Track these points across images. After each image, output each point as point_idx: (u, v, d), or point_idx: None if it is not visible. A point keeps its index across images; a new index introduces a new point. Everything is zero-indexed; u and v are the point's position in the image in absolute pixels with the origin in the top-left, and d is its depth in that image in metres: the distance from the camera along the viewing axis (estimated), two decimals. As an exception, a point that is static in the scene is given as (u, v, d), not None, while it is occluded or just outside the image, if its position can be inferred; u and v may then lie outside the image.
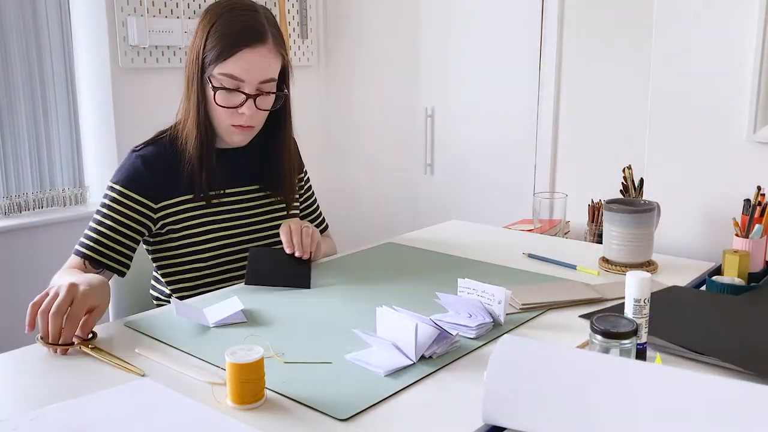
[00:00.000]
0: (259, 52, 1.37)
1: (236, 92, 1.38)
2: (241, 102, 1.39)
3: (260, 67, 1.38)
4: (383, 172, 3.27)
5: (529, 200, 2.63)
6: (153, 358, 1.06)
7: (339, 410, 0.91)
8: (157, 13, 2.73)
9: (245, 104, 1.39)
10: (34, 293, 1.13)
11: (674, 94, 1.67)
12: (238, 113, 1.40)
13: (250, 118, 1.40)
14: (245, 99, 1.38)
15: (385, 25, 3.15)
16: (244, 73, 1.36)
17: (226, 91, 1.38)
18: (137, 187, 1.41)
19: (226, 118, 1.41)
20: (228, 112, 1.40)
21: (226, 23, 1.37)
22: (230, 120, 1.41)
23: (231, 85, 1.37)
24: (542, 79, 2.68)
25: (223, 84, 1.37)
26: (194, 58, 1.39)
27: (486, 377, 0.86)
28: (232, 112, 1.40)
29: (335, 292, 1.37)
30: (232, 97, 1.38)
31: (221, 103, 1.39)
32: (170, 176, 1.44)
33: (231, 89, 1.38)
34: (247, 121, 1.41)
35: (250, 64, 1.36)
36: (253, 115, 1.40)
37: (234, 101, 1.39)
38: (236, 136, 1.44)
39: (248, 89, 1.38)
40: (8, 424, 0.86)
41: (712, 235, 1.64)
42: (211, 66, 1.37)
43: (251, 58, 1.36)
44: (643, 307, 1.00)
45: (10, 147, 2.60)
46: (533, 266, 1.54)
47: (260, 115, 1.43)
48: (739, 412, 0.76)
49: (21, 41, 2.58)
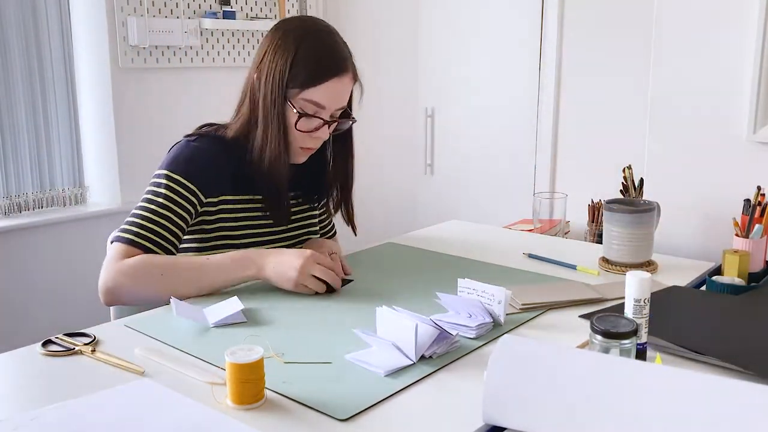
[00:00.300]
0: (343, 81, 1.39)
1: (315, 118, 1.39)
2: (318, 126, 1.40)
3: (342, 95, 1.41)
4: (383, 172, 3.26)
5: (529, 200, 2.63)
6: (153, 358, 1.06)
7: (339, 410, 0.91)
8: (157, 13, 2.73)
9: (322, 129, 1.40)
10: (34, 293, 1.13)
11: (674, 94, 1.67)
12: (311, 137, 1.41)
13: (321, 141, 1.43)
14: (322, 124, 1.40)
15: (385, 26, 3.15)
16: (329, 101, 1.38)
17: (307, 116, 1.39)
18: (193, 176, 1.40)
19: (300, 141, 1.42)
20: (303, 136, 1.41)
21: (313, 48, 1.37)
22: (303, 143, 1.42)
23: (311, 111, 1.38)
24: (542, 79, 2.68)
25: (305, 109, 1.38)
26: (276, 79, 1.37)
27: (486, 377, 0.86)
28: (306, 136, 1.41)
29: (335, 292, 1.37)
30: (311, 122, 1.40)
31: (303, 128, 1.40)
32: (218, 173, 1.43)
33: (311, 115, 1.39)
34: (318, 144, 1.44)
35: (335, 93, 1.38)
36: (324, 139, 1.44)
37: (312, 126, 1.40)
38: (302, 157, 1.46)
39: (326, 116, 1.40)
40: (8, 424, 0.86)
41: (712, 235, 1.64)
42: (295, 90, 1.37)
43: (337, 88, 1.38)
44: (643, 307, 1.00)
45: (10, 147, 2.60)
46: (533, 266, 1.54)
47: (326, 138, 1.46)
48: (739, 412, 0.76)
49: (21, 41, 2.58)
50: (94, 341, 1.13)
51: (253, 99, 1.42)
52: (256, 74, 1.41)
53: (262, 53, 1.41)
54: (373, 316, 1.10)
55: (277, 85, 1.37)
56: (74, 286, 2.66)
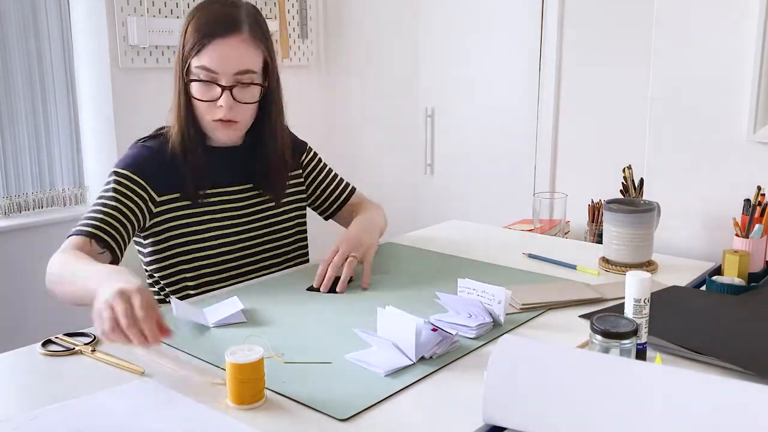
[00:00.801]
0: (230, 42, 1.36)
1: (212, 84, 1.38)
2: (218, 95, 1.38)
3: (233, 57, 1.36)
4: (383, 172, 3.26)
5: (529, 200, 2.63)
6: (153, 358, 1.06)
7: (339, 410, 0.91)
8: (157, 13, 2.73)
9: (222, 96, 1.38)
10: (34, 293, 1.13)
11: (674, 94, 1.67)
12: (216, 106, 1.39)
13: (229, 111, 1.39)
14: (221, 91, 1.38)
15: (385, 25, 3.15)
16: (217, 64, 1.36)
17: (203, 83, 1.38)
18: (143, 174, 1.41)
19: (206, 113, 1.40)
20: (207, 106, 1.39)
21: (202, 16, 1.39)
22: (210, 114, 1.40)
23: (207, 78, 1.37)
24: (542, 79, 2.68)
25: (200, 77, 1.37)
26: (178, 56, 1.41)
27: (486, 377, 0.86)
28: (211, 106, 1.39)
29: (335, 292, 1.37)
30: (209, 89, 1.38)
31: (198, 95, 1.39)
32: (167, 172, 1.43)
33: (207, 81, 1.37)
34: (227, 114, 1.39)
35: (222, 54, 1.36)
36: (233, 108, 1.39)
37: (211, 94, 1.38)
38: (220, 132, 1.43)
39: (224, 81, 1.37)
40: (8, 424, 0.86)
41: (712, 235, 1.64)
42: (189, 60, 1.38)
43: (223, 49, 1.36)
44: (643, 307, 1.00)
45: (10, 147, 2.60)
46: (533, 266, 1.54)
47: (242, 109, 1.41)
48: (739, 412, 0.76)
49: (21, 41, 2.58)
50: (94, 341, 1.13)
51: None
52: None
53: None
54: (373, 316, 1.10)
55: (178, 63, 1.40)
56: (74, 286, 2.66)
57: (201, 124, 1.43)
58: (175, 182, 1.44)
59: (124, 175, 1.40)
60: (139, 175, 1.40)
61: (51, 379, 1.02)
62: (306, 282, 1.43)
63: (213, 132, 1.43)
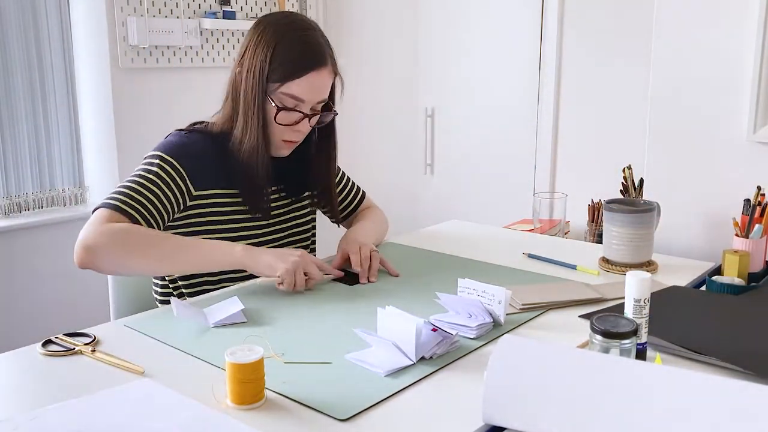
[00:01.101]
0: (322, 75, 1.41)
1: (295, 111, 1.41)
2: (298, 120, 1.42)
3: (322, 88, 1.43)
4: (383, 172, 3.26)
5: (529, 200, 2.63)
6: (153, 358, 1.06)
7: (339, 410, 0.91)
8: (157, 13, 2.73)
9: (302, 122, 1.43)
10: (34, 293, 1.14)
11: (674, 94, 1.67)
12: (292, 130, 1.43)
13: (303, 134, 1.45)
14: (302, 117, 1.42)
15: (385, 25, 3.15)
16: (308, 95, 1.40)
17: (286, 110, 1.41)
18: (186, 166, 1.41)
19: (281, 134, 1.44)
20: (284, 129, 1.43)
21: (292, 43, 1.39)
22: (284, 136, 1.44)
23: (291, 105, 1.41)
24: (542, 79, 2.68)
25: (284, 103, 1.40)
26: (256, 74, 1.39)
27: (486, 377, 0.86)
28: (287, 129, 1.43)
29: (335, 292, 1.37)
30: (290, 115, 1.42)
31: (283, 122, 1.41)
32: (207, 167, 1.44)
33: (290, 108, 1.41)
34: (300, 137, 1.45)
35: (313, 86, 1.40)
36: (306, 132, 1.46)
37: (292, 119, 1.42)
38: (284, 150, 1.47)
39: (306, 109, 1.42)
40: (8, 424, 0.86)
41: (712, 235, 1.64)
42: (275, 84, 1.39)
43: (315, 81, 1.40)
44: (643, 307, 1.00)
45: (10, 147, 2.60)
46: (533, 266, 1.54)
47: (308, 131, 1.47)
48: (739, 412, 0.76)
49: (21, 41, 2.58)
50: (94, 341, 1.13)
51: (235, 94, 1.44)
52: (239, 69, 1.43)
53: (244, 49, 1.43)
54: (373, 316, 1.10)
55: (257, 80, 1.39)
56: (74, 286, 2.66)
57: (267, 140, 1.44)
58: (217, 179, 1.45)
59: (170, 162, 1.39)
60: (181, 164, 1.40)
61: (51, 379, 1.02)
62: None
63: (278, 150, 1.47)
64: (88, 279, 2.68)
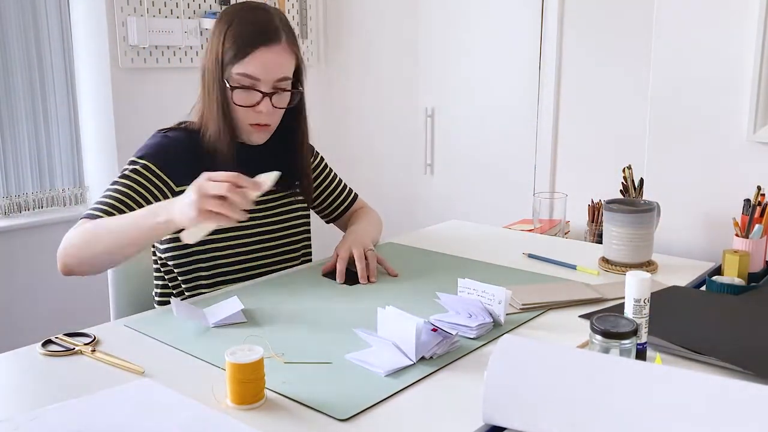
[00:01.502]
0: (273, 50, 1.41)
1: (253, 91, 1.42)
2: (258, 100, 1.42)
3: (275, 65, 1.42)
4: (383, 172, 3.26)
5: (529, 200, 2.63)
6: (153, 358, 1.06)
7: (339, 410, 0.91)
8: (157, 13, 2.73)
9: (262, 102, 1.43)
10: (34, 293, 1.14)
11: (674, 94, 1.67)
12: (255, 112, 1.43)
13: (267, 116, 1.44)
14: (262, 97, 1.42)
15: (385, 25, 3.15)
16: (260, 72, 1.41)
17: (244, 90, 1.42)
18: (162, 164, 1.43)
19: (245, 118, 1.44)
20: (247, 111, 1.44)
21: (241, 24, 1.42)
22: (249, 119, 1.45)
23: (248, 84, 1.41)
24: (542, 79, 2.68)
25: (241, 83, 1.41)
26: (213, 60, 1.43)
27: (486, 377, 0.86)
28: (250, 111, 1.44)
29: (335, 292, 1.37)
30: (250, 96, 1.42)
31: (239, 102, 1.42)
32: (191, 163, 1.43)
33: (248, 88, 1.42)
34: (265, 119, 1.45)
35: (264, 63, 1.41)
36: (271, 113, 1.45)
37: (252, 100, 1.43)
38: (255, 135, 1.47)
39: (264, 88, 1.42)
40: (8, 424, 0.86)
41: (712, 235, 1.64)
42: (229, 67, 1.41)
43: (266, 58, 1.41)
44: (643, 307, 1.00)
45: (10, 147, 2.60)
46: (533, 266, 1.54)
47: (276, 114, 1.47)
48: (739, 412, 0.76)
49: (21, 41, 2.58)
50: (94, 341, 1.13)
51: (203, 84, 1.46)
52: (203, 61, 1.46)
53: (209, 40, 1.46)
54: (373, 316, 1.10)
55: (213, 65, 1.42)
56: (74, 286, 2.66)
57: (236, 128, 1.46)
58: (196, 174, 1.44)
59: (142, 164, 1.42)
60: (157, 165, 1.42)
61: (51, 379, 1.02)
62: (305, 282, 1.43)
63: (248, 135, 1.47)
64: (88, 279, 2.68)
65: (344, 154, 3.38)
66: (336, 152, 3.40)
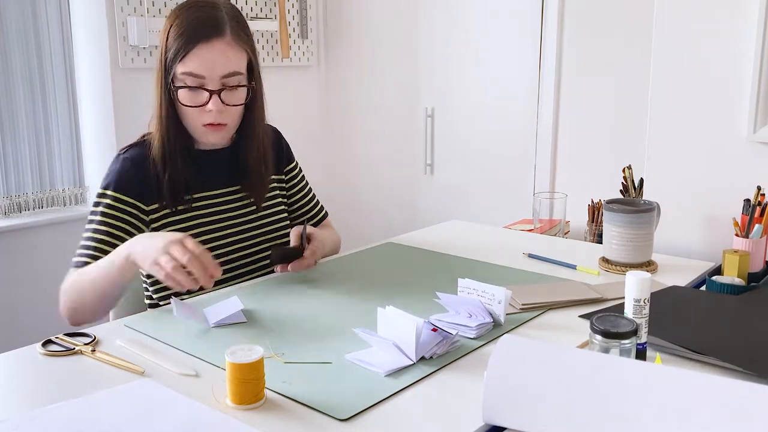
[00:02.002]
0: (215, 46, 1.35)
1: (200, 90, 1.36)
2: (206, 99, 1.37)
3: (219, 61, 1.35)
4: (383, 172, 3.27)
5: (529, 200, 2.63)
6: (153, 358, 1.06)
7: (339, 410, 0.91)
8: (157, 13, 2.73)
9: (210, 101, 1.37)
10: (34, 293, 1.14)
11: (674, 94, 1.67)
12: (206, 111, 1.38)
13: (219, 114, 1.38)
14: (210, 96, 1.37)
15: (385, 25, 3.15)
16: (203, 69, 1.35)
17: (189, 89, 1.36)
18: (128, 191, 1.40)
19: (195, 118, 1.39)
20: (196, 112, 1.38)
21: (183, 21, 1.37)
22: (200, 119, 1.39)
23: (194, 83, 1.36)
24: (542, 79, 2.68)
25: (186, 83, 1.36)
26: (160, 62, 1.39)
27: (486, 377, 0.86)
28: (201, 111, 1.38)
29: (335, 292, 1.37)
30: (197, 95, 1.37)
31: (185, 102, 1.37)
32: (151, 182, 1.42)
33: (194, 87, 1.36)
34: (217, 118, 1.38)
35: (207, 59, 1.35)
36: (222, 111, 1.38)
37: (199, 99, 1.37)
38: (210, 136, 1.42)
39: (211, 85, 1.36)
40: (8, 424, 0.86)
41: (712, 235, 1.64)
42: (173, 66, 1.36)
43: (208, 53, 1.34)
44: (643, 307, 1.00)
45: (10, 147, 2.60)
46: (533, 266, 1.54)
47: (230, 111, 1.40)
48: (739, 412, 0.76)
49: (21, 41, 2.58)
50: (94, 341, 1.13)
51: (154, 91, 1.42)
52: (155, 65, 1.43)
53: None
54: (373, 316, 1.10)
55: (160, 68, 1.39)
56: (74, 286, 2.66)
57: (189, 129, 1.42)
58: (158, 191, 1.42)
59: (111, 197, 1.40)
60: (124, 193, 1.40)
61: (51, 379, 1.02)
62: (305, 282, 1.43)
63: (202, 136, 1.42)
64: (88, 279, 2.69)
65: (344, 154, 3.38)
66: (336, 152, 3.41)
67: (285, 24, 3.17)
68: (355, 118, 3.33)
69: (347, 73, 3.33)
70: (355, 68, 3.30)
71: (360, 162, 3.34)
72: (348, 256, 1.64)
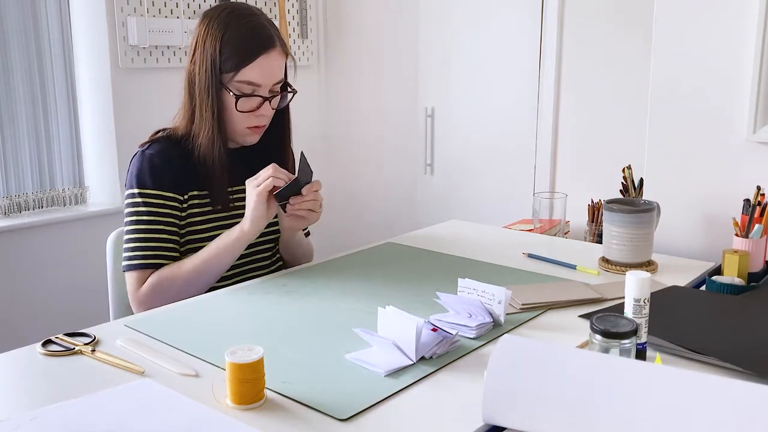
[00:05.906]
0: (272, 56, 1.44)
1: (253, 97, 1.44)
2: (258, 105, 1.44)
3: (274, 70, 1.45)
4: (383, 172, 3.26)
5: (529, 200, 2.63)
6: (153, 358, 1.06)
7: (339, 410, 0.91)
8: (157, 13, 2.73)
9: (263, 107, 1.45)
10: (34, 293, 1.14)
11: (674, 94, 1.67)
12: (255, 116, 1.45)
13: (267, 118, 1.48)
14: (262, 102, 1.44)
15: (385, 25, 3.15)
16: (262, 78, 1.43)
17: (245, 96, 1.43)
18: (165, 185, 1.44)
19: (242, 121, 1.46)
20: (246, 116, 1.45)
21: (238, 30, 1.42)
22: (248, 123, 1.46)
23: (249, 91, 1.43)
24: (542, 79, 2.68)
25: (242, 90, 1.43)
26: (208, 67, 1.42)
27: (486, 377, 0.86)
28: (250, 116, 1.45)
29: (335, 292, 1.37)
30: (249, 101, 1.44)
31: (244, 109, 1.44)
32: (179, 172, 1.46)
33: (249, 95, 1.43)
34: (263, 121, 1.48)
35: (266, 69, 1.43)
36: (270, 116, 1.49)
37: (252, 105, 1.45)
38: (251, 137, 1.50)
39: (264, 92, 1.44)
40: (8, 424, 0.86)
41: (712, 235, 1.64)
42: (230, 74, 1.42)
43: (267, 64, 1.43)
44: (643, 307, 1.00)
45: (10, 147, 2.60)
46: (533, 266, 1.54)
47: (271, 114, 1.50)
48: (739, 412, 0.76)
49: (21, 41, 2.58)
50: (94, 341, 1.13)
51: (191, 91, 1.46)
52: (192, 67, 1.45)
53: (194, 45, 1.45)
54: (373, 316, 1.10)
55: (210, 73, 1.42)
56: (74, 286, 2.66)
57: (230, 129, 1.47)
58: (193, 182, 1.47)
59: (150, 194, 1.43)
60: (163, 188, 1.44)
61: (51, 379, 1.02)
62: (305, 282, 1.43)
63: (244, 137, 1.49)
64: (88, 279, 2.68)
65: (344, 154, 3.38)
66: (336, 152, 3.41)
67: (285, 24, 3.17)
68: (355, 118, 3.33)
69: (347, 73, 3.33)
70: (355, 68, 3.30)
71: (360, 162, 3.34)
72: (348, 256, 1.64)
